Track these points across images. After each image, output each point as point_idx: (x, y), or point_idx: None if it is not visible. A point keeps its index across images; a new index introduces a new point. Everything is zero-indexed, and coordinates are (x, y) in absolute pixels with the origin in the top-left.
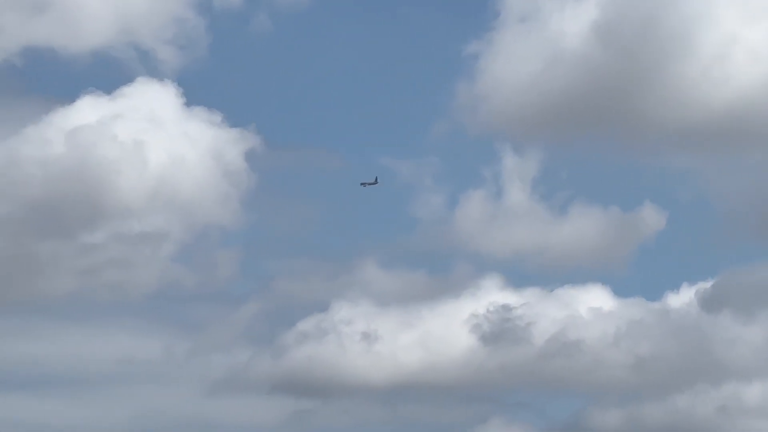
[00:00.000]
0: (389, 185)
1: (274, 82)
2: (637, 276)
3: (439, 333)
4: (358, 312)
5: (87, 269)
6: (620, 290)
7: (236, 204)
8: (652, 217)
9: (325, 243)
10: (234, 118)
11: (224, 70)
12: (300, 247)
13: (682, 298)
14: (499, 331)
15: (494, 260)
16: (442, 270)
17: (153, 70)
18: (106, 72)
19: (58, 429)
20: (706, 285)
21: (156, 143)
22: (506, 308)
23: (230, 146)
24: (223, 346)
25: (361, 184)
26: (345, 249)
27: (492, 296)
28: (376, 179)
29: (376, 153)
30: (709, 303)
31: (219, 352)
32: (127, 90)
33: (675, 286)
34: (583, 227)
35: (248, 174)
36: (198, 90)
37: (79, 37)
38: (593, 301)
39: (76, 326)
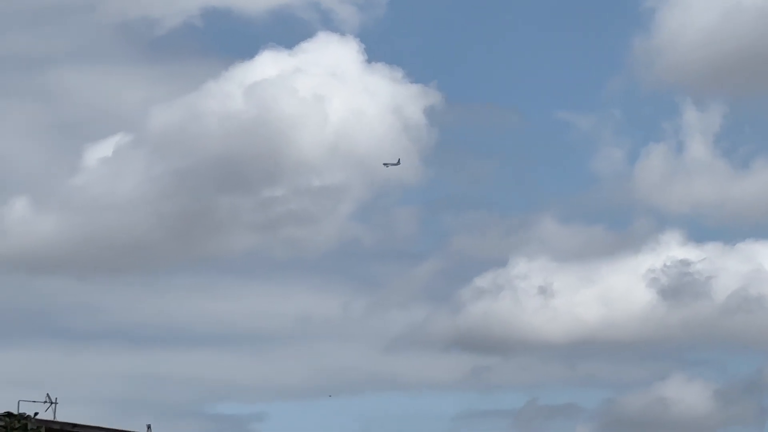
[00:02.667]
0: (568, 140)
1: (455, 39)
2: None
3: (617, 289)
4: (535, 267)
5: (267, 224)
6: None
7: (415, 160)
8: None
9: (503, 199)
10: (415, 74)
11: (405, 27)
12: (478, 204)
13: None
14: (679, 287)
15: (674, 215)
16: (620, 225)
17: (333, 26)
18: (285, 29)
19: (239, 385)
20: None
21: (336, 98)
22: (685, 263)
23: (410, 102)
24: (401, 302)
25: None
26: (523, 204)
27: (672, 251)
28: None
29: (554, 108)
30: None
31: (397, 308)
32: (308, 45)
33: None
34: (766, 181)
35: (428, 130)
36: (379, 46)
37: None
38: None
39: (256, 283)
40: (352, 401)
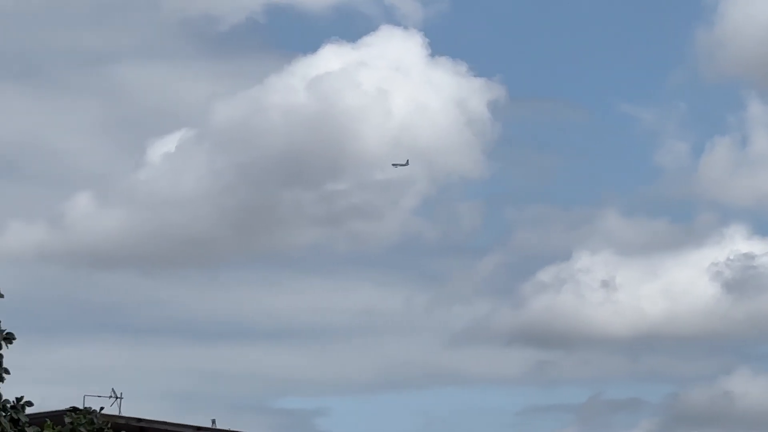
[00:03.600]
0: (631, 134)
1: (519, 33)
2: None
3: (681, 282)
4: (599, 261)
5: (329, 218)
6: None
7: (479, 154)
8: None
9: (566, 193)
10: (479, 68)
11: (469, 20)
12: (541, 198)
13: None
14: (743, 280)
15: (738, 208)
16: (684, 218)
17: (396, 20)
18: (347, 24)
19: (301, 380)
20: None
21: (400, 91)
22: (750, 256)
23: (474, 96)
24: (463, 297)
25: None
26: (586, 198)
27: (736, 245)
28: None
29: (617, 101)
30: None
31: (460, 303)
32: (371, 39)
33: None
34: None
35: (491, 124)
36: (443, 40)
37: None
38: None
39: (318, 278)
40: (414, 396)
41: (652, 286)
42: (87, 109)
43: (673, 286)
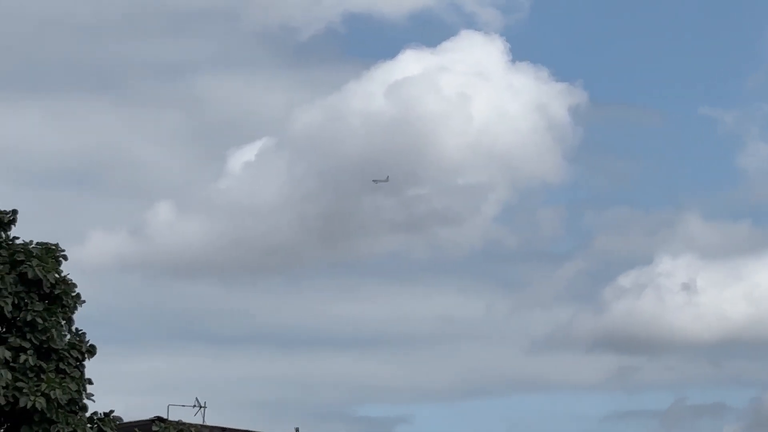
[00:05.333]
0: (712, 137)
1: (601, 38)
2: None
3: (764, 286)
4: (680, 265)
5: (410, 224)
6: None
7: (559, 159)
8: None
9: (647, 197)
10: (560, 73)
11: (549, 26)
12: (622, 202)
13: None
14: None
15: None
16: (767, 221)
17: (476, 27)
18: (426, 30)
19: (383, 387)
20: None
21: (480, 96)
22: None
23: (555, 101)
24: (544, 303)
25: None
26: (667, 202)
27: None
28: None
29: (696, 105)
30: None
31: (540, 309)
32: (451, 44)
33: None
34: None
35: (572, 129)
36: (523, 45)
37: (397, 2)
38: None
39: (399, 285)
40: (496, 403)
41: (734, 290)
42: (168, 119)
43: (756, 289)
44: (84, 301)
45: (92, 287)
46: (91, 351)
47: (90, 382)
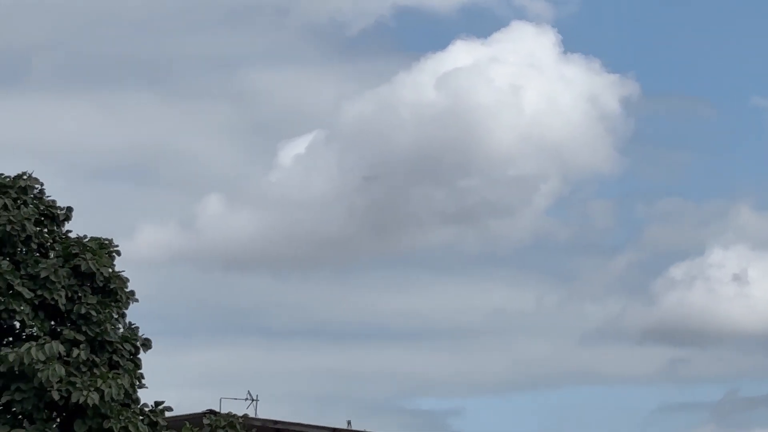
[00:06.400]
0: (764, 127)
1: (654, 30)
2: None
3: None
4: (732, 256)
5: (460, 216)
6: None
7: (611, 150)
8: None
9: (699, 188)
10: (612, 65)
11: (602, 18)
12: (673, 194)
13: None
14: None
15: None
16: None
17: (527, 17)
18: (477, 22)
19: (435, 380)
20: None
21: (531, 87)
22: None
23: (607, 92)
24: (595, 295)
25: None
26: (719, 194)
27: None
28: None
29: (748, 95)
30: None
31: (591, 301)
32: (502, 36)
33: None
34: None
35: (624, 120)
36: (575, 36)
37: None
38: None
39: (449, 277)
40: (547, 395)
41: None
42: (218, 113)
43: None
44: (137, 300)
45: (143, 280)
46: (146, 344)
47: (142, 376)
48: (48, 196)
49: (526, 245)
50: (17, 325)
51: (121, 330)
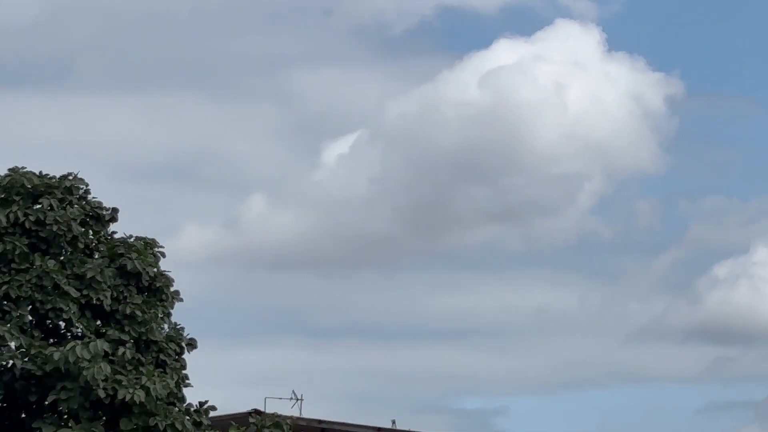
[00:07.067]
0: None
1: (698, 29)
2: None
3: None
4: None
5: (505, 214)
6: None
7: (655, 149)
8: None
9: (743, 187)
10: (657, 63)
11: (646, 16)
12: (718, 192)
13: None
14: None
15: None
16: None
17: (571, 16)
18: (520, 20)
19: (479, 380)
20: None
21: (575, 86)
22: None
23: (651, 90)
24: (639, 294)
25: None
26: (763, 192)
27: None
28: None
29: None
30: None
31: (635, 301)
32: (546, 34)
33: None
34: None
35: (668, 119)
36: (619, 35)
37: None
38: None
39: (493, 276)
40: (592, 395)
41: None
42: (262, 113)
43: None
44: (182, 299)
45: (187, 281)
46: (192, 344)
47: (186, 377)
48: (93, 197)
49: (569, 244)
50: (62, 324)
51: (166, 330)
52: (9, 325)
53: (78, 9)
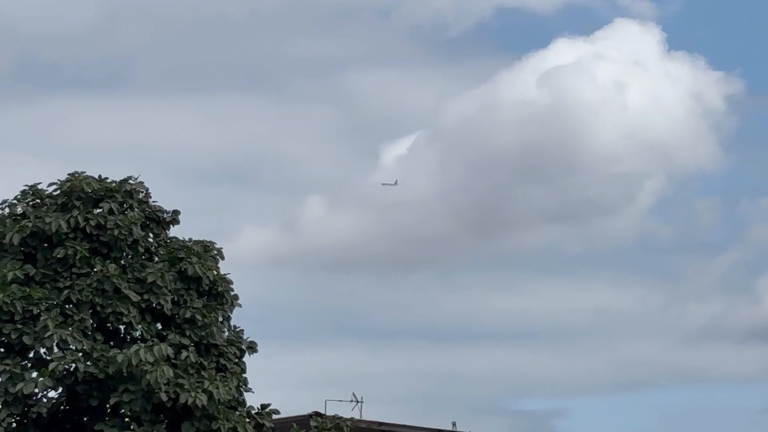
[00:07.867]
0: None
1: (758, 28)
2: None
3: None
4: None
5: (564, 215)
6: None
7: (716, 148)
8: None
9: None
10: (717, 62)
11: (706, 16)
12: None
13: None
14: None
15: None
16: None
17: (631, 15)
18: (579, 20)
19: (538, 381)
20: None
21: (635, 85)
22: None
23: (711, 89)
24: (699, 295)
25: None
26: None
27: None
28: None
29: None
30: None
31: (695, 301)
32: (605, 33)
33: None
34: None
35: (728, 118)
36: (680, 34)
37: None
38: None
39: (552, 277)
40: (652, 395)
41: None
42: (320, 116)
43: None
44: (240, 305)
45: (246, 283)
46: (252, 347)
47: (246, 381)
48: (153, 201)
49: (629, 244)
50: (122, 328)
51: (226, 333)
52: (71, 328)
53: (134, 14)
